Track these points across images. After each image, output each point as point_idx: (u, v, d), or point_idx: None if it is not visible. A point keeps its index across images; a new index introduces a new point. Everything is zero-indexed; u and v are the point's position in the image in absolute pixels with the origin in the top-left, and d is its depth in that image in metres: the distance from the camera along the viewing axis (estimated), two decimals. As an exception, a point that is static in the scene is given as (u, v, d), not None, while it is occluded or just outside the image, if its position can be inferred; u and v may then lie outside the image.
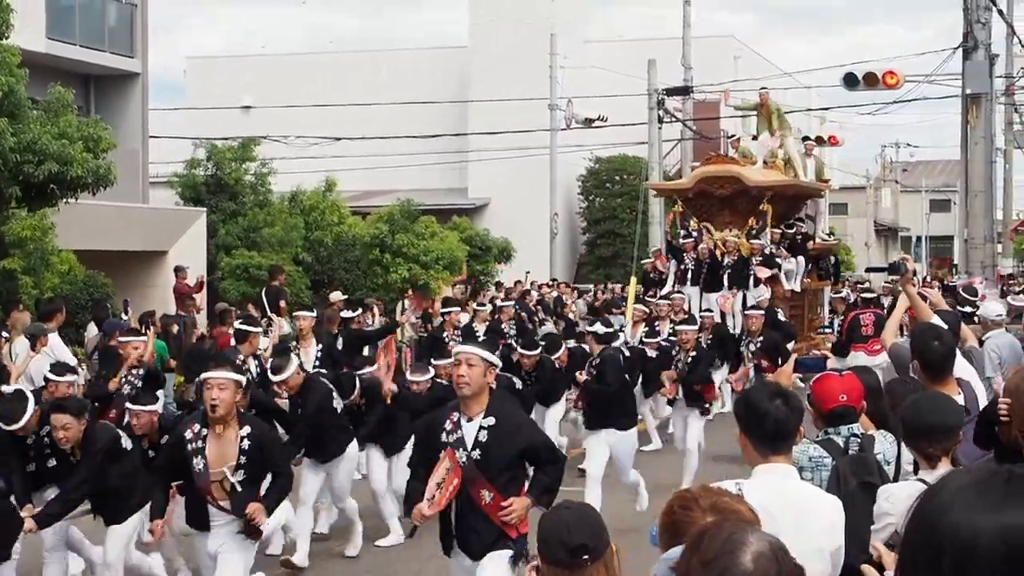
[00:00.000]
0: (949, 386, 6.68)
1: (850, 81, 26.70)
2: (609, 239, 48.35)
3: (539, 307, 29.61)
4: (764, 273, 24.90)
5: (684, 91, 39.20)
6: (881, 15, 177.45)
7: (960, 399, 6.65)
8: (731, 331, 21.17)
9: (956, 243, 52.98)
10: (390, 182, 44.21)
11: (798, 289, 26.22)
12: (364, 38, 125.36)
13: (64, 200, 20.19)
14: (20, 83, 19.34)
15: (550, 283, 34.77)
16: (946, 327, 7.56)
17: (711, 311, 22.14)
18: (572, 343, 16.81)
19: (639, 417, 16.10)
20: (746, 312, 19.76)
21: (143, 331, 17.88)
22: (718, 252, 25.04)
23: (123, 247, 27.58)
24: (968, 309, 13.40)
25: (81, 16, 30.07)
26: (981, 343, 11.10)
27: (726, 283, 24.60)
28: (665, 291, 24.36)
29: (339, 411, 12.00)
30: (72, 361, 14.60)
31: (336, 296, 24.23)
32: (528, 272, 36.10)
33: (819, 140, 42.56)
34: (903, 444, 6.03)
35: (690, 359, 15.73)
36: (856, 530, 5.24)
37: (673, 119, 39.82)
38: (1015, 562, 2.34)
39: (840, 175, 69.62)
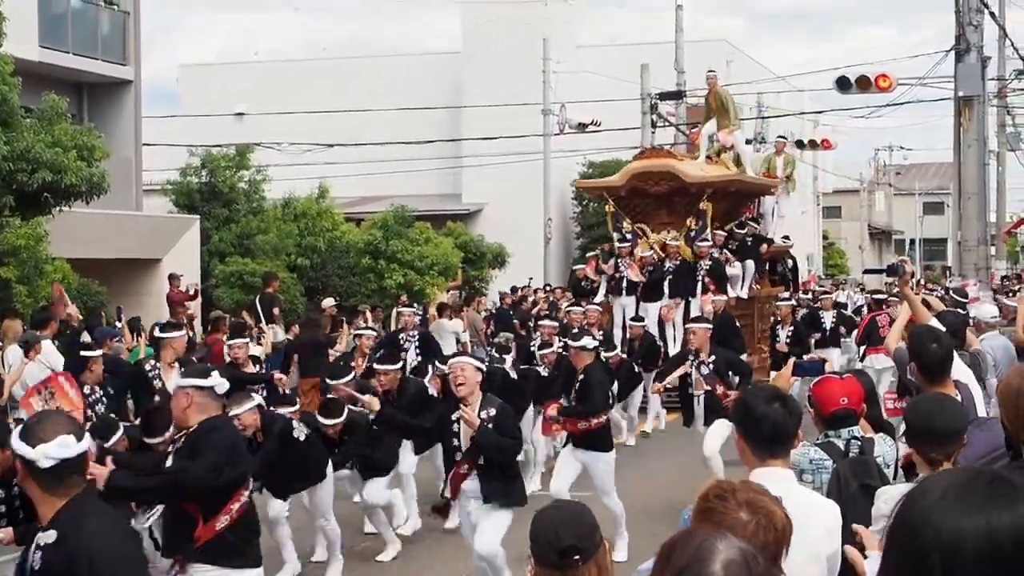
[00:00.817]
0: (947, 388, 6.67)
1: (843, 84, 26.68)
2: (603, 244, 48.32)
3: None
4: (732, 281, 23.86)
5: (677, 95, 39.24)
6: (873, 18, 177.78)
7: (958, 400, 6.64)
8: (661, 343, 20.43)
9: (950, 245, 53.08)
10: (384, 188, 44.18)
11: (744, 296, 24.31)
12: (357, 45, 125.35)
13: (58, 208, 20.18)
14: (13, 91, 19.32)
15: (546, 289, 34.83)
16: (945, 329, 7.56)
17: (642, 319, 20.93)
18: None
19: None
20: (688, 326, 15.58)
21: (134, 338, 17.91)
22: (655, 256, 23.24)
23: (117, 255, 27.55)
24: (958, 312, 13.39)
25: (74, 24, 30.04)
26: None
27: (667, 291, 22.86)
28: (597, 299, 22.78)
29: (304, 440, 11.28)
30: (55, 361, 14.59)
31: (328, 303, 24.24)
32: (531, 279, 36.16)
33: (812, 144, 42.67)
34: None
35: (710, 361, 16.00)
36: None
37: (666, 123, 39.83)
38: (1000, 562, 2.37)
39: (833, 179, 69.82)
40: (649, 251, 23.26)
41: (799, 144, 43.62)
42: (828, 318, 23.35)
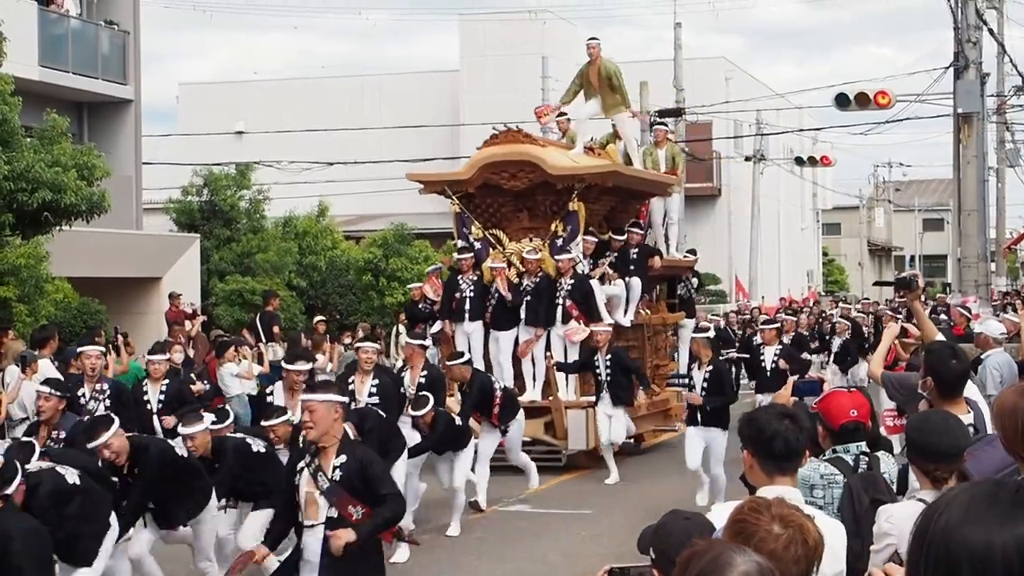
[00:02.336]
0: (959, 405, 6.66)
1: (841, 101, 26.72)
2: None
3: None
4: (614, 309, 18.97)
5: (676, 113, 39.26)
6: (871, 36, 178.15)
7: (969, 418, 6.63)
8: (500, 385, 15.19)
9: (950, 262, 53.05)
10: (383, 206, 44.20)
11: (626, 323, 19.08)
12: (356, 63, 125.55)
13: (58, 228, 20.19)
14: (13, 111, 19.34)
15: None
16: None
17: (464, 357, 15.19)
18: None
19: None
20: (696, 337, 15.42)
21: (118, 348, 17.80)
22: (512, 272, 18.38)
23: (117, 274, 27.55)
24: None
25: (74, 44, 30.07)
26: (977, 361, 11.11)
27: (523, 317, 18.18)
28: (435, 328, 18.87)
29: (264, 453, 10.73)
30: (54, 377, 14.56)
31: (316, 319, 24.14)
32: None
33: (811, 160, 42.69)
34: None
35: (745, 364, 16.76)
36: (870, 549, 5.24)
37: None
38: None
39: (833, 195, 69.87)
40: (502, 263, 18.35)
41: (798, 161, 43.69)
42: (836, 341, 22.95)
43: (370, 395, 12.94)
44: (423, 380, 13.72)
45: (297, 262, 32.71)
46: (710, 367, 14.65)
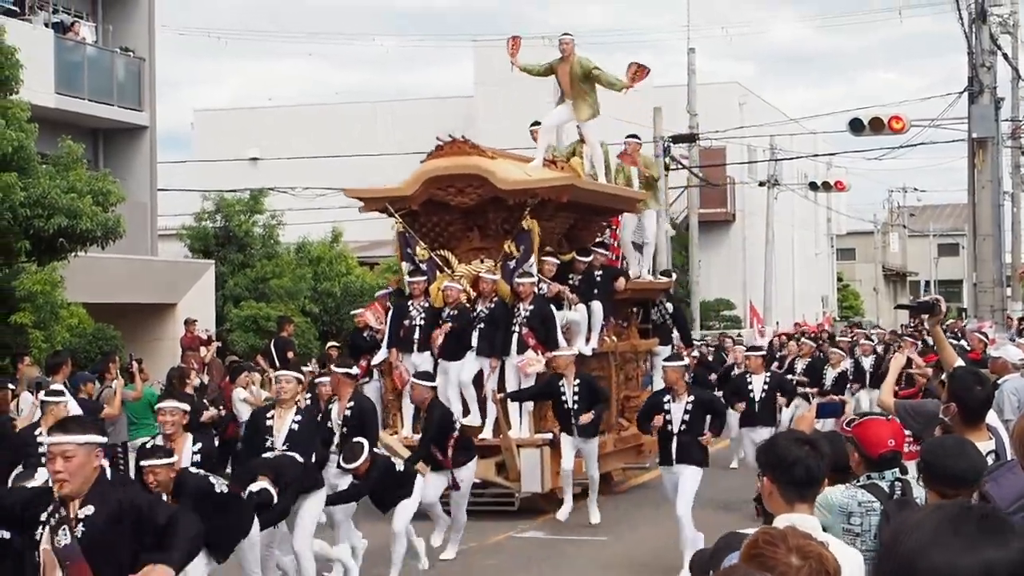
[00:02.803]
0: (981, 432, 6.64)
1: (856, 126, 26.74)
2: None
3: None
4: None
5: (690, 138, 39.37)
6: (884, 61, 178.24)
7: (991, 444, 6.62)
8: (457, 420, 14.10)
9: (965, 287, 52.90)
10: (398, 232, 44.20)
11: (587, 351, 17.10)
12: (369, 90, 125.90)
13: (73, 253, 20.23)
14: (30, 138, 19.41)
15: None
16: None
17: (427, 381, 13.69)
18: None
19: None
20: (667, 364, 13.98)
21: (132, 374, 17.66)
22: (463, 297, 16.69)
23: (132, 300, 27.60)
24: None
25: (90, 71, 30.21)
26: (994, 386, 11.07)
27: (474, 346, 16.42)
28: (378, 359, 17.23)
29: (225, 495, 9.94)
30: (77, 412, 14.57)
31: (329, 345, 24.05)
32: None
33: (825, 186, 42.64)
34: None
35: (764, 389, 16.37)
36: None
37: (679, 166, 39.89)
38: None
39: (847, 220, 69.82)
40: (452, 284, 16.68)
41: (812, 186, 43.64)
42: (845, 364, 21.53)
43: (289, 433, 11.35)
44: (350, 412, 12.53)
45: (312, 288, 32.74)
46: (690, 398, 13.07)
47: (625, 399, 18.69)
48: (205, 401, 17.73)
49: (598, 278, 17.79)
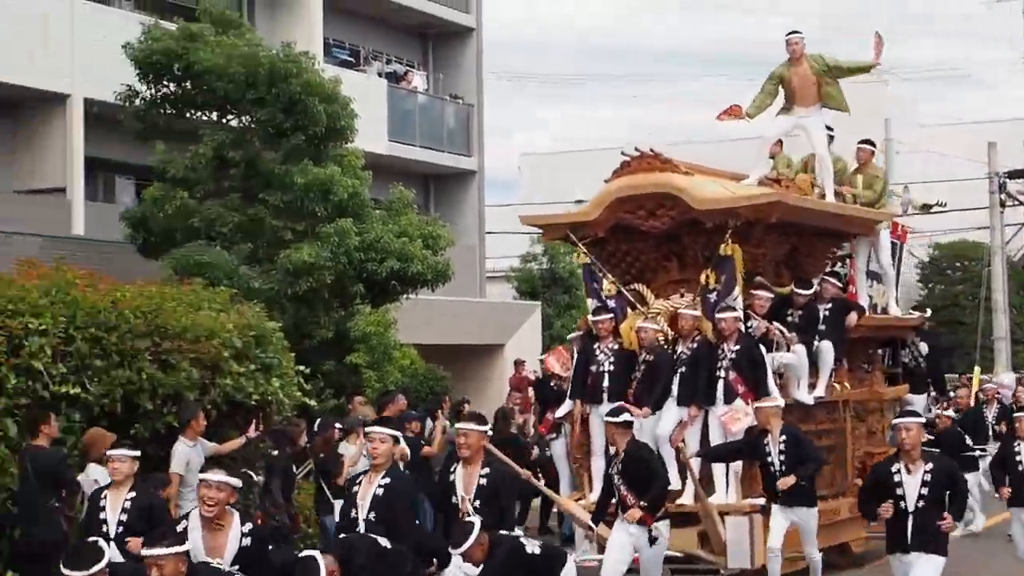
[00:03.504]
0: None
1: None
2: (950, 328, 46.71)
3: None
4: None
5: (1026, 174, 37.80)
6: None
7: None
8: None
9: None
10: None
11: (808, 400, 14.48)
12: (691, 129, 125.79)
13: (405, 296, 20.86)
14: (363, 184, 20.14)
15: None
16: None
17: (618, 417, 11.72)
18: None
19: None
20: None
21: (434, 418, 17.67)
22: (659, 337, 14.05)
23: (461, 341, 28.19)
24: None
25: (421, 118, 31.20)
26: None
27: (675, 394, 13.72)
28: (562, 411, 14.72)
29: None
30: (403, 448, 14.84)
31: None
32: None
33: None
34: None
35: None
36: None
37: (1016, 203, 38.35)
38: None
39: None
40: (647, 324, 14.05)
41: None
42: None
43: (372, 502, 9.48)
44: (484, 482, 10.13)
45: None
46: (928, 466, 10.63)
47: (866, 456, 15.59)
48: (530, 441, 17.91)
49: (825, 313, 15.04)
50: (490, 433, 11.04)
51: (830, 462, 14.75)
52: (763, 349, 13.76)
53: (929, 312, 19.41)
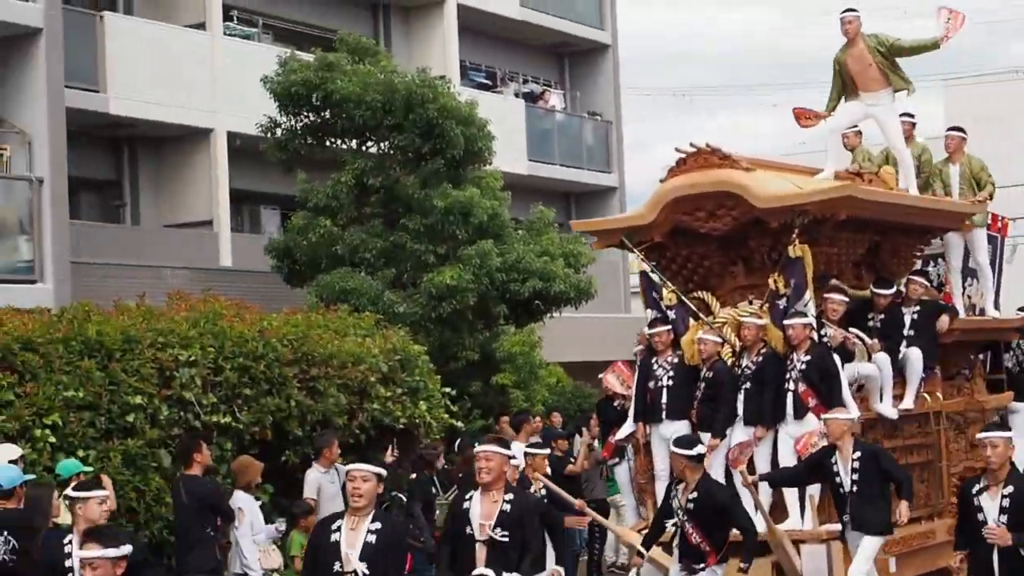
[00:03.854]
0: None
1: None
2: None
3: None
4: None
5: None
6: None
7: None
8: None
9: None
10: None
11: (891, 414, 13.00)
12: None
13: (548, 315, 20.86)
14: (503, 205, 20.20)
15: None
16: None
17: (687, 449, 10.91)
18: None
19: None
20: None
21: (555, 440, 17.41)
22: (724, 351, 12.68)
23: (607, 357, 27.97)
24: None
25: (559, 137, 31.24)
26: None
27: (740, 412, 12.44)
28: (622, 433, 13.47)
29: None
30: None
31: None
32: None
33: None
34: None
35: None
36: None
37: None
38: None
39: None
40: (707, 335, 12.71)
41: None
42: None
43: (362, 550, 8.17)
44: (508, 508, 9.15)
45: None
46: (1007, 490, 9.73)
47: (967, 471, 13.74)
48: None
49: (913, 317, 13.64)
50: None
51: (923, 480, 13.48)
52: (837, 359, 12.27)
53: None
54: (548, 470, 12.97)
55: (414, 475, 13.92)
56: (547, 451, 13.28)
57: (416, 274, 19.36)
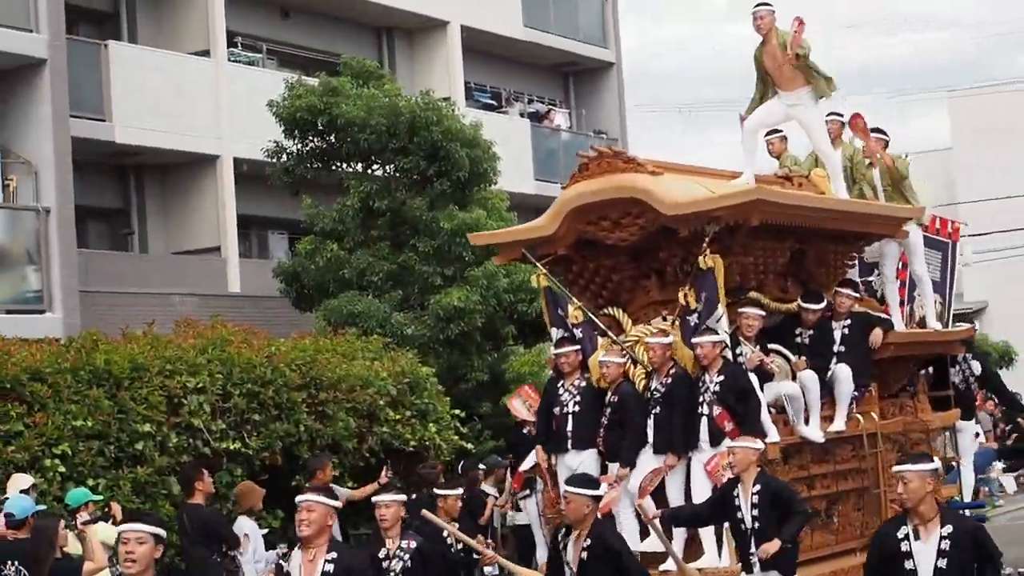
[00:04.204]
0: None
1: None
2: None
3: None
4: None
5: None
6: None
7: None
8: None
9: None
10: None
11: (817, 437, 11.81)
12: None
13: (557, 334, 20.83)
14: (509, 226, 20.18)
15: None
16: None
17: (585, 489, 9.20)
18: None
19: None
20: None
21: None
22: (638, 372, 11.42)
23: (617, 376, 28.09)
24: None
25: (565, 156, 31.18)
26: None
27: (650, 439, 11.07)
28: (526, 464, 12.20)
29: None
30: None
31: None
32: None
33: None
34: None
35: None
36: None
37: None
38: None
39: None
40: (608, 357, 11.43)
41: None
42: None
43: None
44: (331, 569, 7.75)
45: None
46: (945, 529, 8.03)
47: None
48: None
49: (844, 331, 12.53)
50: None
51: (859, 507, 12.35)
52: (753, 378, 11.18)
53: (977, 325, 15.71)
54: (457, 513, 11.58)
55: (414, 495, 13.89)
56: (459, 491, 11.74)
57: (424, 296, 19.38)
